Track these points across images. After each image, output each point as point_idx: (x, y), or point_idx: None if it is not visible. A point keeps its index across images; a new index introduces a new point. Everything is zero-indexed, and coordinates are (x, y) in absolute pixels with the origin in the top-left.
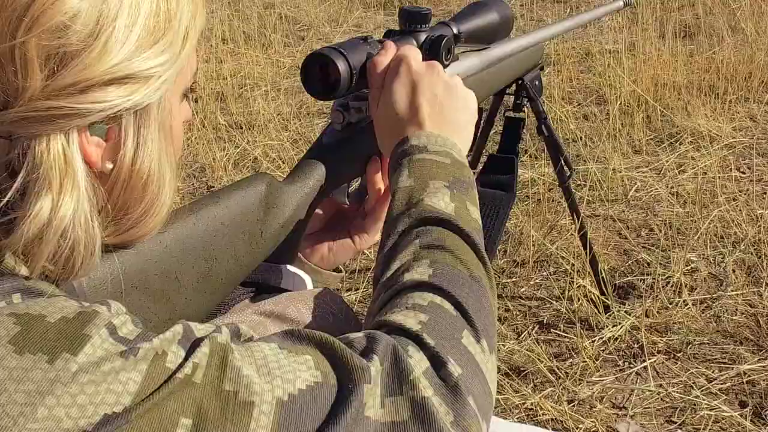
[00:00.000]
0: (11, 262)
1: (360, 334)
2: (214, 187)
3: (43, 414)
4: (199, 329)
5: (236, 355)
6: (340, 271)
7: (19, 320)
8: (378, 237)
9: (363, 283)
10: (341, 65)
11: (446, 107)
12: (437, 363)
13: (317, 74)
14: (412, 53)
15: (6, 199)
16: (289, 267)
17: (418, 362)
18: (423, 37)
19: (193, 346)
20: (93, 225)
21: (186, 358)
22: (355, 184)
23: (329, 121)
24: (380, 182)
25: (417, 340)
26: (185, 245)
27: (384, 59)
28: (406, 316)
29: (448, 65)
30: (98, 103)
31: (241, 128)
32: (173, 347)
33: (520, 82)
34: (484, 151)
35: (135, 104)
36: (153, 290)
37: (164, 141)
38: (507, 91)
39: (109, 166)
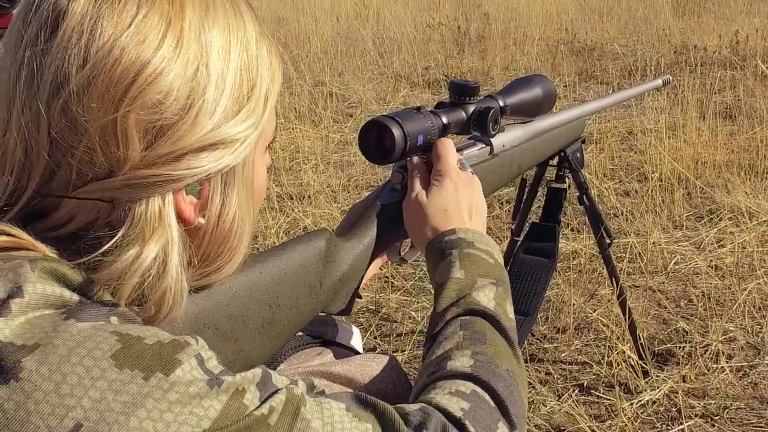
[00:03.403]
0: (105, 295)
1: (416, 407)
2: None
3: (135, 424)
4: (276, 379)
5: (308, 408)
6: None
7: (121, 338)
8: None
9: (409, 345)
10: (396, 132)
11: (476, 205)
12: None
13: (373, 140)
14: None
15: (104, 248)
16: (343, 321)
17: None
18: (471, 108)
19: (270, 391)
20: (182, 277)
21: (264, 400)
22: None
23: (383, 184)
24: None
25: (459, 425)
26: (252, 291)
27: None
28: (449, 401)
29: (494, 135)
30: (192, 169)
31: (292, 199)
32: (252, 387)
33: (562, 153)
34: (527, 219)
35: (224, 166)
36: (222, 331)
37: (246, 195)
38: (550, 163)
39: (202, 221)
